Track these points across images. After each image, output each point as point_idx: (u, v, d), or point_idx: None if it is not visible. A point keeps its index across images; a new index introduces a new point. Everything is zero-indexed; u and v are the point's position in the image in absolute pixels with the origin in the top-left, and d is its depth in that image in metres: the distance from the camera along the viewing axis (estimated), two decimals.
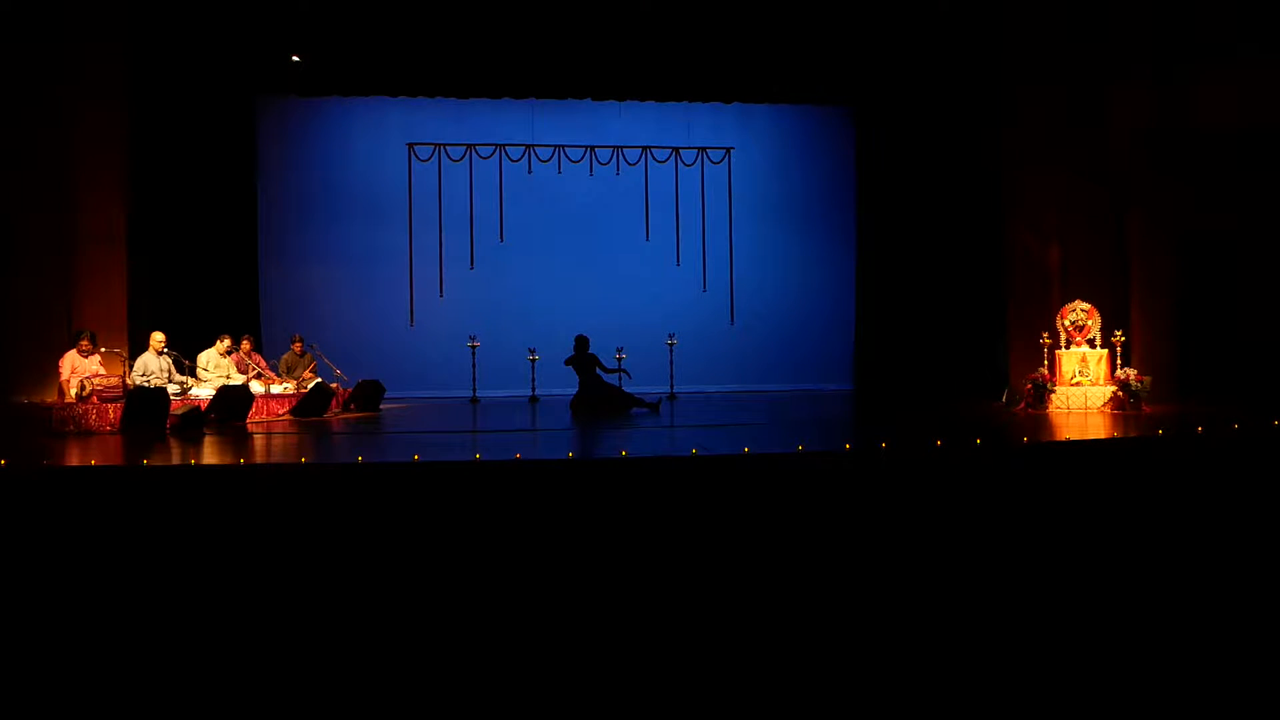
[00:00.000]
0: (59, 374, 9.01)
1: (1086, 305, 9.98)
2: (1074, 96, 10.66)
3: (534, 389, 12.88)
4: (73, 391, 8.74)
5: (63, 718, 3.70)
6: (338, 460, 6.55)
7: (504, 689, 3.89)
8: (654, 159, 14.69)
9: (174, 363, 9.77)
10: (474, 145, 14.35)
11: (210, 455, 6.77)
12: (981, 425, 8.09)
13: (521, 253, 14.40)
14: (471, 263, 14.37)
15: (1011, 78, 11.13)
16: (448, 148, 14.34)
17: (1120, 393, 9.48)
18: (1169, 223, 10.59)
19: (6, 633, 4.42)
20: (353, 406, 11.16)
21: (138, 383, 9.20)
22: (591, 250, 14.50)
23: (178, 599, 4.71)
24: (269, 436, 8.26)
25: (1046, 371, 9.81)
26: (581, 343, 11.29)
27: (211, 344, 10.46)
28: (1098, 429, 7.79)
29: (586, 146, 14.49)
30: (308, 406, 10.27)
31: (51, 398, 9.12)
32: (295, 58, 12.41)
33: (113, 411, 8.59)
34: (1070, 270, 10.72)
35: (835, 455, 6.30)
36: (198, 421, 8.64)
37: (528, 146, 14.41)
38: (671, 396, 12.72)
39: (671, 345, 13.09)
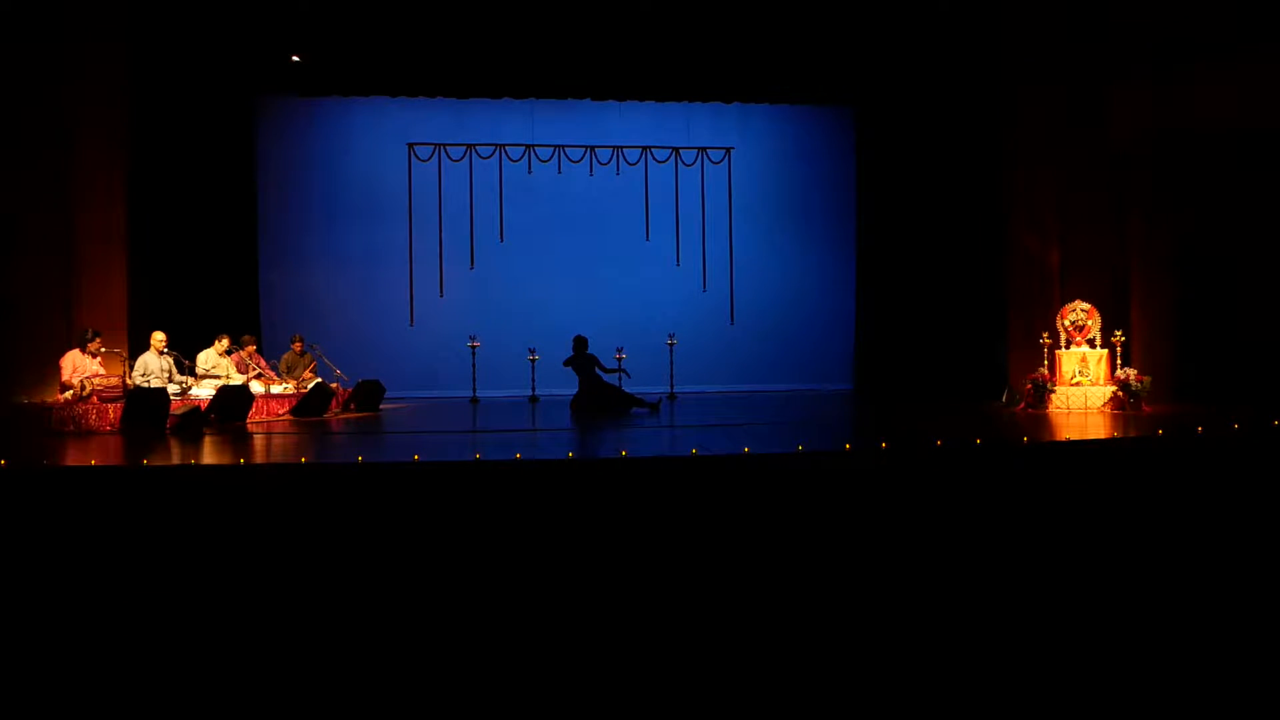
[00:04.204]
0: (60, 374, 9.01)
1: (1086, 305, 9.98)
2: (1074, 96, 10.67)
3: (534, 389, 12.88)
4: (77, 384, 8.72)
5: (63, 718, 3.70)
6: (338, 460, 6.55)
7: (504, 688, 3.89)
8: (654, 159, 14.69)
9: (174, 363, 9.77)
10: (474, 145, 14.36)
11: (210, 455, 6.77)
12: (981, 425, 8.09)
13: (521, 253, 14.41)
14: (471, 263, 14.38)
15: (1011, 78, 11.14)
16: (448, 148, 14.34)
17: (1120, 393, 9.48)
18: (1169, 223, 10.60)
19: (7, 632, 4.42)
20: (353, 406, 11.16)
21: (138, 383, 9.20)
22: (591, 250, 14.51)
23: (178, 599, 4.71)
24: (269, 436, 8.26)
25: (1046, 371, 9.82)
26: (580, 343, 11.29)
27: (211, 344, 10.47)
28: (1098, 429, 7.79)
29: (586, 146, 14.50)
30: (308, 406, 10.27)
31: (51, 398, 9.12)
32: (295, 58, 12.42)
33: (113, 411, 8.58)
34: (1070, 270, 10.73)
35: (835, 455, 6.30)
36: (198, 421, 8.64)
37: (528, 146, 14.42)
38: (671, 396, 12.73)
39: (671, 345, 13.09)
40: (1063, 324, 10.01)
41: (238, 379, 10.23)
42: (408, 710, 3.74)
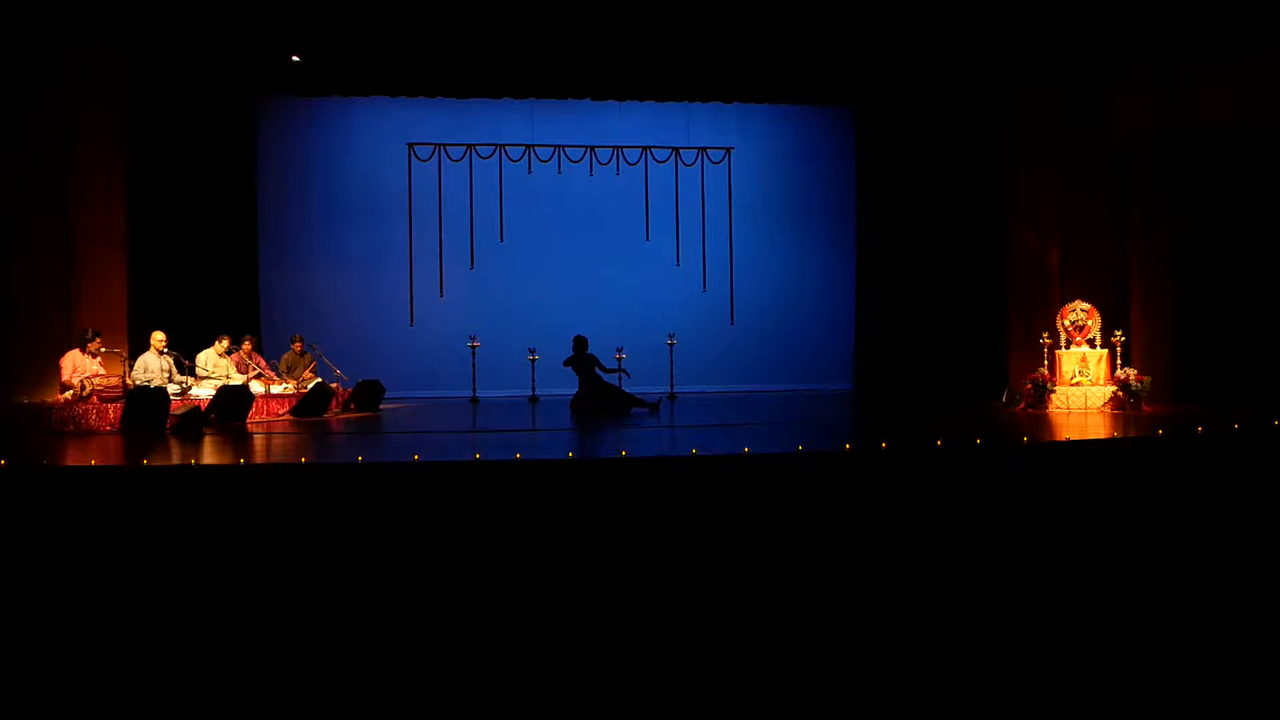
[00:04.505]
0: (60, 374, 9.00)
1: (1086, 305, 9.98)
2: (1074, 96, 10.66)
3: (534, 389, 12.88)
4: (77, 384, 8.72)
5: (63, 718, 3.70)
6: (338, 460, 6.55)
7: (504, 688, 3.89)
8: (654, 159, 14.69)
9: (174, 363, 9.77)
10: (474, 145, 14.36)
11: (210, 455, 6.77)
12: (981, 425, 8.09)
13: (521, 253, 14.42)
14: (471, 263, 14.38)
15: (1011, 78, 11.14)
16: (448, 148, 14.34)
17: (1120, 393, 9.48)
18: (1169, 223, 10.60)
19: (7, 632, 4.42)
20: (353, 406, 11.16)
21: (138, 382, 9.19)
22: (591, 250, 14.51)
23: (178, 599, 4.71)
24: (269, 436, 8.26)
25: (1046, 371, 9.81)
26: (580, 343, 11.28)
27: (211, 344, 10.47)
28: (1098, 429, 7.78)
29: (586, 146, 14.50)
30: (308, 406, 10.27)
31: (51, 398, 9.12)
32: (295, 58, 12.42)
33: (113, 411, 8.58)
34: (1070, 270, 10.73)
35: (835, 455, 6.30)
36: (198, 421, 8.64)
37: (528, 146, 14.42)
38: (671, 396, 12.72)
39: (671, 345, 13.09)
40: (1063, 324, 10.01)
41: (238, 379, 10.23)
42: (408, 710, 3.74)
